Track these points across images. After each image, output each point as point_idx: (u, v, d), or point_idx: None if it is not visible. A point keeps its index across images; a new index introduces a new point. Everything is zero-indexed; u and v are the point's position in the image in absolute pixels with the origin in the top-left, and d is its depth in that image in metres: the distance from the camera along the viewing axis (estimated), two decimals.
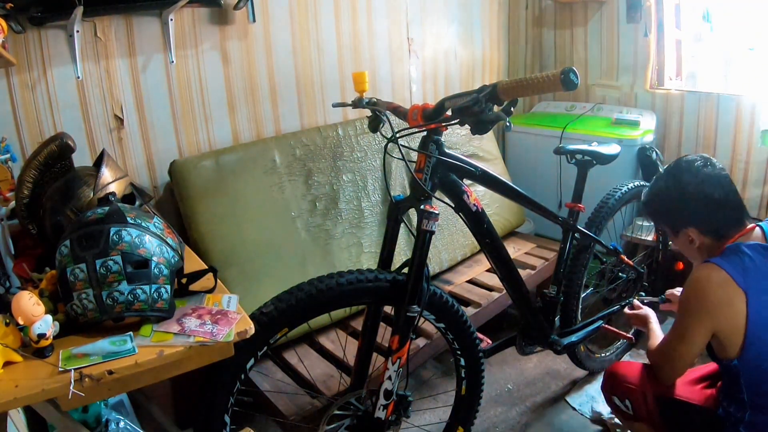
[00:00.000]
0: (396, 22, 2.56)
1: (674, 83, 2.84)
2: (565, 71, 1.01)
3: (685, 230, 1.35)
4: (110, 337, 0.95)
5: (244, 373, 1.22)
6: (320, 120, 2.37)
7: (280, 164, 2.04)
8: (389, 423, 1.40)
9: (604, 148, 1.89)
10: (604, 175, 2.07)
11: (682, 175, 1.34)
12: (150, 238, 1.01)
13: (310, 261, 1.99)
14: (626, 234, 2.56)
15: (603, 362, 2.20)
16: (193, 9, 1.93)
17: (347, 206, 2.16)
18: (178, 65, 1.93)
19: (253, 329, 1.03)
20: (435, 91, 2.82)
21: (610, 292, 2.18)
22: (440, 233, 2.37)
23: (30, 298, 0.90)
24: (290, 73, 2.24)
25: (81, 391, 0.85)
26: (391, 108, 1.47)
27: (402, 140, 1.28)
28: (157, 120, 1.92)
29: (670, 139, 2.81)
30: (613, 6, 2.86)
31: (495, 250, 1.59)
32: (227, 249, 1.84)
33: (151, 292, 0.98)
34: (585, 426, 1.95)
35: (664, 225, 1.45)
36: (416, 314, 1.31)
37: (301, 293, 1.24)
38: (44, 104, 1.69)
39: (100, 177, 1.26)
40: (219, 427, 1.21)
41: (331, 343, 1.88)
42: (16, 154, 1.58)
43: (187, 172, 1.85)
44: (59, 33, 1.67)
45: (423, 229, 1.31)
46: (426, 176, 1.34)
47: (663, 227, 1.48)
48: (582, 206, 1.88)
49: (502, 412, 2.03)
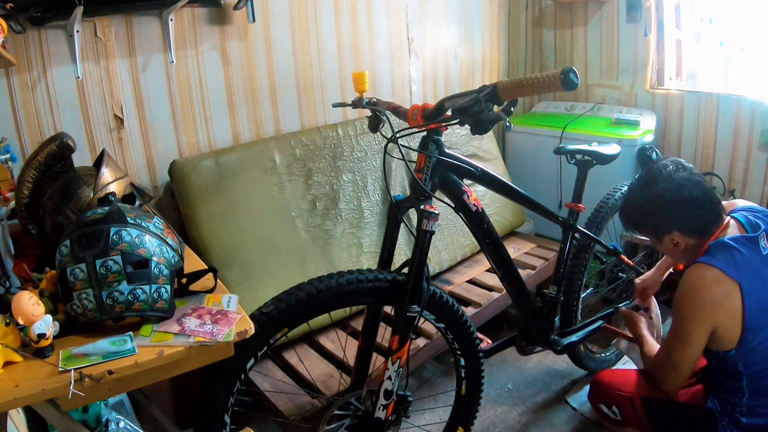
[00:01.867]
0: (396, 22, 2.56)
1: (674, 83, 2.84)
2: (565, 71, 1.01)
3: (669, 235, 1.36)
4: (110, 337, 0.95)
5: (244, 373, 1.22)
6: (320, 120, 2.37)
7: (280, 164, 2.04)
8: (389, 423, 1.40)
9: (604, 148, 1.89)
10: (604, 175, 2.07)
11: (657, 183, 1.35)
12: (150, 238, 1.01)
13: (310, 261, 1.99)
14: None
15: (603, 362, 2.20)
16: (193, 9, 1.93)
17: (347, 206, 2.16)
18: (178, 65, 1.93)
19: (253, 329, 1.02)
20: (435, 91, 2.82)
21: (610, 292, 2.18)
22: (440, 233, 2.37)
23: (30, 298, 0.90)
24: (290, 73, 2.24)
25: (81, 391, 0.85)
26: (391, 108, 1.47)
27: (402, 140, 1.28)
28: (157, 120, 1.92)
29: (670, 139, 2.81)
30: (613, 6, 2.86)
31: (495, 250, 1.59)
32: (227, 249, 1.84)
33: (151, 292, 0.98)
34: (585, 426, 1.95)
35: (647, 234, 1.45)
36: (416, 314, 1.31)
37: (301, 293, 1.24)
38: (44, 104, 1.69)
39: (100, 177, 1.26)
40: (219, 427, 1.21)
41: (331, 343, 1.88)
42: (16, 154, 1.58)
43: (187, 172, 1.85)
44: (59, 33, 1.67)
45: (423, 229, 1.31)
46: (426, 176, 1.34)
47: (645, 235, 1.48)
48: (582, 206, 1.88)
49: (502, 412, 2.03)
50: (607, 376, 1.61)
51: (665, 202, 1.33)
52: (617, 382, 1.54)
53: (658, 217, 1.36)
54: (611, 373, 1.61)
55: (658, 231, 1.39)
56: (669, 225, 1.35)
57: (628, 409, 1.48)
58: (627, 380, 1.53)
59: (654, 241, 1.44)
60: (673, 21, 2.77)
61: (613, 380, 1.56)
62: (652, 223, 1.40)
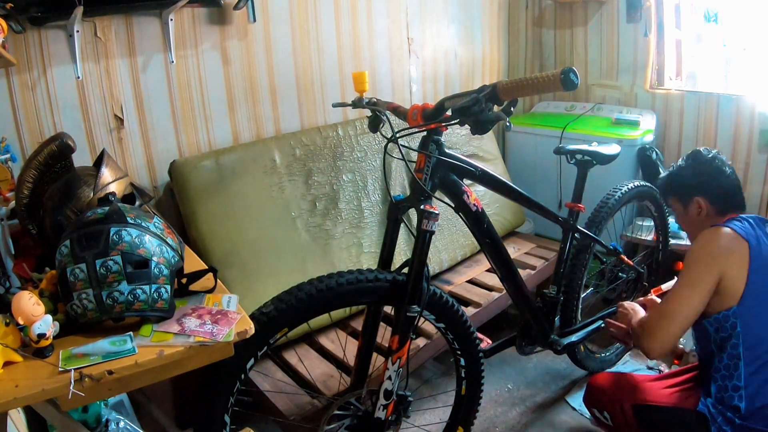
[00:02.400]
0: (396, 22, 2.56)
1: (674, 83, 2.84)
2: (565, 71, 1.01)
3: (696, 198, 1.49)
4: (110, 337, 0.95)
5: (244, 373, 1.22)
6: (320, 120, 2.37)
7: (280, 164, 2.04)
8: (389, 423, 1.40)
9: (604, 148, 1.89)
10: (604, 175, 2.07)
11: (701, 155, 1.54)
12: (150, 238, 1.01)
13: (310, 261, 1.99)
14: (626, 234, 2.57)
15: (603, 362, 2.20)
16: (192, 9, 1.93)
17: (347, 206, 2.16)
18: (178, 65, 1.93)
19: (253, 329, 1.02)
20: (435, 91, 2.82)
21: (610, 292, 2.18)
22: (440, 233, 2.37)
23: (30, 298, 0.90)
24: (290, 73, 2.24)
25: (81, 391, 0.85)
26: (391, 108, 1.47)
27: (402, 140, 1.28)
28: (157, 120, 1.92)
29: (670, 139, 2.81)
30: (613, 6, 2.86)
31: (495, 250, 1.59)
32: (227, 249, 1.84)
33: (151, 292, 0.98)
34: (585, 426, 1.95)
35: (676, 198, 1.57)
36: (416, 314, 1.31)
37: (301, 293, 1.24)
38: (44, 104, 1.69)
39: (100, 177, 1.26)
40: (219, 427, 1.21)
41: (331, 343, 1.88)
42: (16, 154, 1.57)
43: (187, 172, 1.85)
44: (59, 33, 1.67)
45: (423, 229, 1.31)
46: (426, 176, 1.34)
47: (674, 202, 1.58)
48: (582, 206, 1.88)
49: (502, 412, 2.03)
50: (600, 380, 1.62)
51: (699, 166, 1.51)
52: (609, 387, 1.55)
53: (691, 177, 1.52)
54: (605, 377, 1.62)
55: (688, 192, 1.52)
56: (697, 188, 1.50)
57: (618, 415, 1.49)
58: (619, 385, 1.54)
59: (680, 208, 1.55)
60: (673, 21, 2.78)
61: (605, 385, 1.57)
62: (684, 185, 1.54)
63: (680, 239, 2.40)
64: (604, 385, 1.57)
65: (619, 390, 1.52)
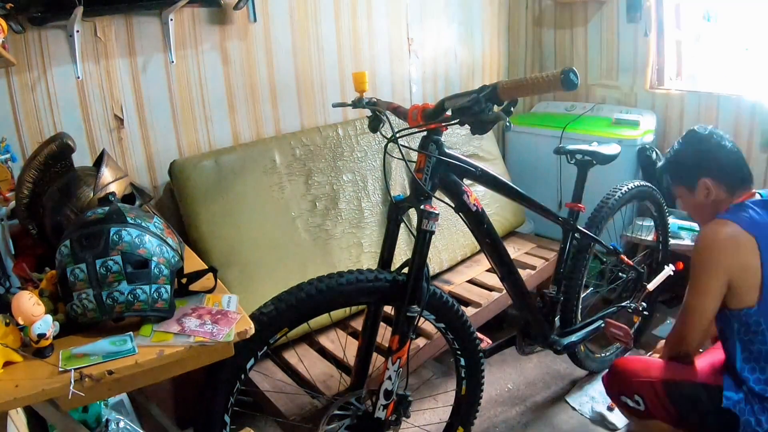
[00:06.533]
0: (396, 22, 2.56)
1: (674, 83, 2.84)
2: (565, 71, 1.01)
3: (703, 180, 1.41)
4: (110, 337, 0.95)
5: (244, 373, 1.22)
6: (320, 120, 2.37)
7: (280, 164, 2.04)
8: (389, 423, 1.40)
9: (604, 148, 1.89)
10: (604, 175, 2.07)
11: (697, 133, 1.47)
12: (150, 238, 1.01)
13: (310, 261, 1.99)
14: (626, 234, 2.56)
15: (603, 362, 2.20)
16: (192, 9, 1.93)
17: (347, 206, 2.16)
18: (178, 65, 1.93)
19: (253, 329, 1.03)
20: (435, 91, 2.82)
21: (610, 292, 2.18)
22: (440, 233, 2.37)
23: (30, 298, 0.90)
24: (290, 73, 2.24)
25: (81, 391, 0.85)
26: (391, 108, 1.47)
27: (402, 140, 1.28)
28: (157, 120, 1.92)
29: (670, 139, 2.80)
30: (613, 6, 2.86)
31: (495, 250, 1.59)
32: (227, 249, 1.84)
33: (151, 292, 0.98)
34: (585, 426, 1.95)
35: (681, 184, 1.50)
36: (416, 314, 1.31)
37: (301, 293, 1.24)
38: (44, 104, 1.69)
39: (100, 177, 1.26)
40: (219, 427, 1.21)
41: (331, 343, 1.88)
42: (16, 154, 1.58)
43: (187, 172, 1.85)
44: (59, 33, 1.67)
45: (423, 229, 1.31)
46: (426, 176, 1.34)
47: (679, 190, 1.52)
48: (582, 206, 1.88)
49: (502, 412, 2.03)
50: (624, 363, 1.52)
51: (703, 146, 1.44)
52: (636, 368, 1.47)
53: (696, 159, 1.44)
54: (628, 360, 1.53)
55: (695, 175, 1.43)
56: (704, 169, 1.42)
57: (651, 394, 1.41)
58: (646, 365, 1.46)
59: (686, 194, 1.48)
60: (673, 21, 2.77)
61: (632, 366, 1.48)
62: (689, 167, 1.45)
63: (680, 239, 2.40)
64: (631, 367, 1.48)
65: (649, 369, 1.44)
